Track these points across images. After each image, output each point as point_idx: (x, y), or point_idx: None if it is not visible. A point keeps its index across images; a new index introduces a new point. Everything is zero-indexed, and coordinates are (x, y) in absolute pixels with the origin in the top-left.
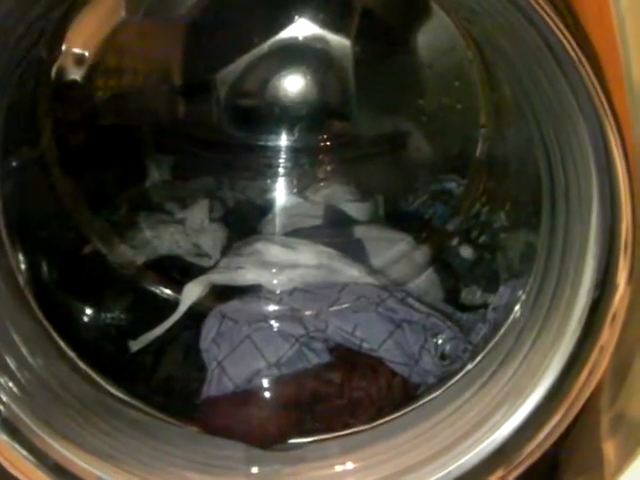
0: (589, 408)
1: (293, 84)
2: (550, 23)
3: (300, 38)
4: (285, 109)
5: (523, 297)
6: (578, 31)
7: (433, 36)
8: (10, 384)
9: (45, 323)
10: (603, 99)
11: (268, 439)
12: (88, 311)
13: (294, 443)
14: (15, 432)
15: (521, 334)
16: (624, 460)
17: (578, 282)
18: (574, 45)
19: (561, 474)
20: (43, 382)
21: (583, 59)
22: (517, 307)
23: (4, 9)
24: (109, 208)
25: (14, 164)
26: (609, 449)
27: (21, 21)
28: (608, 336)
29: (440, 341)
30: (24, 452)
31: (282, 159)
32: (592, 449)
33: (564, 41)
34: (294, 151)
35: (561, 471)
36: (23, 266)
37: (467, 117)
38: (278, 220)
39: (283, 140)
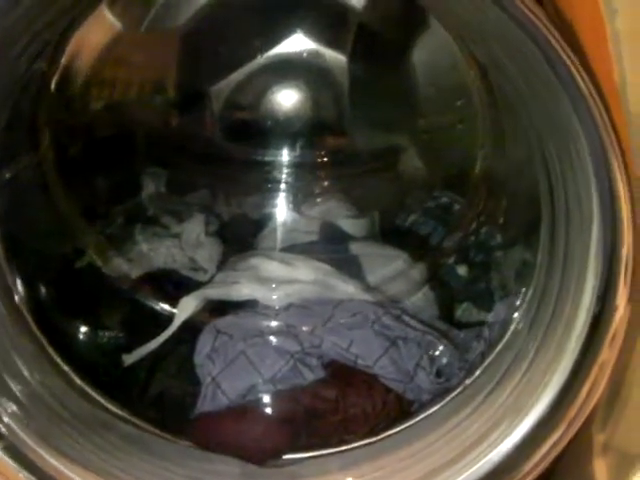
0: (582, 431)
1: (288, 99)
2: (551, 39)
3: (296, 53)
4: (280, 124)
5: (521, 314)
6: (576, 46)
7: (433, 53)
8: (8, 401)
9: (41, 339)
10: (605, 118)
11: (263, 455)
12: (83, 327)
13: (289, 459)
14: (11, 448)
15: (520, 351)
16: None
17: (578, 300)
18: (575, 61)
19: None
20: (39, 398)
21: (585, 76)
22: (515, 324)
23: (12, 19)
24: (104, 220)
25: (11, 175)
26: (601, 473)
27: (26, 32)
28: (608, 354)
29: (435, 359)
30: (20, 468)
31: (278, 174)
32: (584, 472)
33: (565, 58)
34: (290, 166)
35: None
36: (19, 282)
37: (467, 136)
38: (274, 235)
39: (279, 155)
